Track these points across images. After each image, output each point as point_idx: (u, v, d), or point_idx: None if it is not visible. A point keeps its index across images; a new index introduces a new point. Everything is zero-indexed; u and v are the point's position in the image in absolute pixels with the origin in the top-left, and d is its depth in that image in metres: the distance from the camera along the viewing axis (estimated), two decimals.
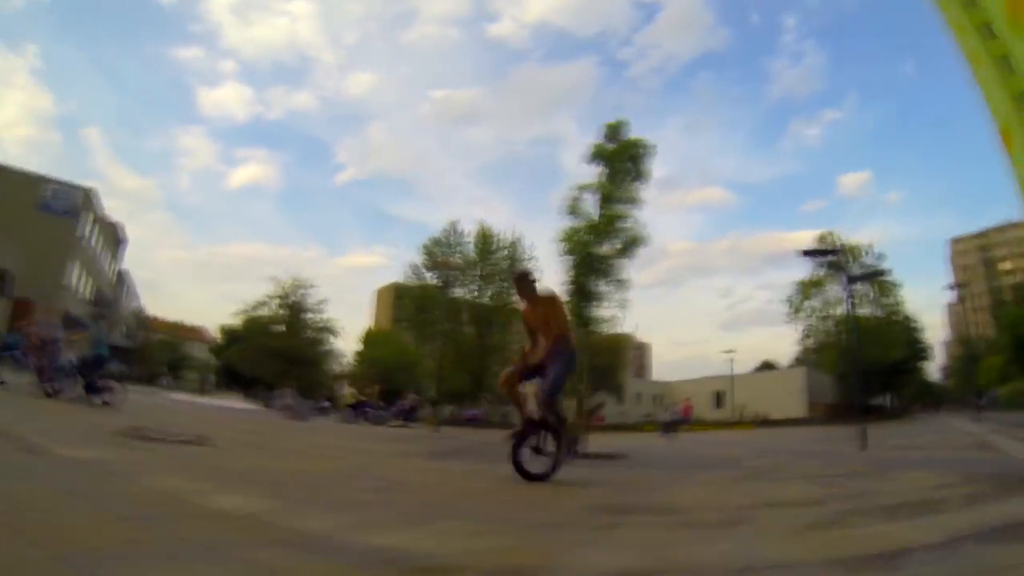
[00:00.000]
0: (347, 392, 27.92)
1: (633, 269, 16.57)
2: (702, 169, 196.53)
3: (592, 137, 17.51)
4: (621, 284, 16.25)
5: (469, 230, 50.42)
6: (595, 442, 14.98)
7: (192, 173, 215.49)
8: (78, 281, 45.40)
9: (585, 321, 16.15)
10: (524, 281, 6.89)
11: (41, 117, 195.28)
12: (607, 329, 17.44)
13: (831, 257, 46.98)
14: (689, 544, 3.29)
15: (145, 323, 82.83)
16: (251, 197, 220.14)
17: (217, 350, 75.79)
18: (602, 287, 16.14)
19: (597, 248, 16.11)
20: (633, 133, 16.85)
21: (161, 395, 34.65)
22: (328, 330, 53.79)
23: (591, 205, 16.68)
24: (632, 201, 16.40)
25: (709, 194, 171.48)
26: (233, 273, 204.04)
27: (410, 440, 16.60)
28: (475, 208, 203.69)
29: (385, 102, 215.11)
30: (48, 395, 12.07)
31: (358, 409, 27.00)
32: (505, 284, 48.34)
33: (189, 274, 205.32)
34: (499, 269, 48.68)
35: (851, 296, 32.56)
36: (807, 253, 39.24)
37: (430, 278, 49.19)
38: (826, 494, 5.83)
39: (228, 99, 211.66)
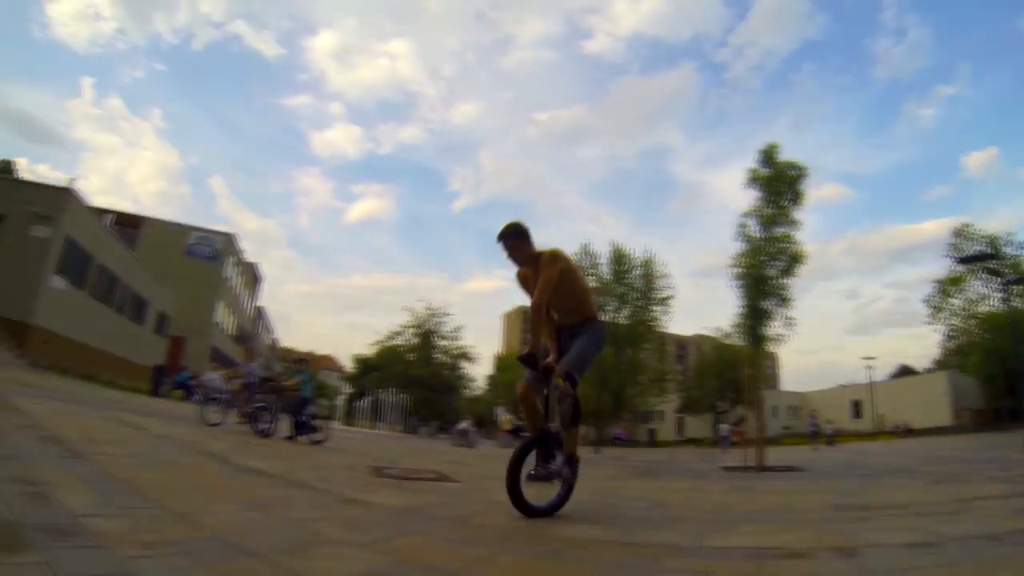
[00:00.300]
0: (505, 418, 28.98)
1: (796, 288, 16.78)
2: (814, 166, 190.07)
3: (702, 145, 17.93)
4: (785, 302, 16.54)
5: (599, 250, 50.99)
6: (751, 457, 15.22)
7: (311, 211, 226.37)
8: (224, 319, 49.52)
9: (759, 339, 16.74)
10: (511, 238, 4.71)
11: (170, 172, 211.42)
12: (774, 347, 17.70)
13: (992, 263, 43.96)
14: (943, 525, 4.11)
15: (280, 355, 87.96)
16: (369, 229, 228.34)
17: (352, 378, 79.43)
18: (771, 306, 16.48)
19: (765, 270, 16.46)
20: (738, 135, 17.25)
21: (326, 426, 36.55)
22: (464, 356, 55.58)
23: (754, 230, 16.92)
24: (791, 223, 16.62)
25: (824, 192, 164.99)
26: (356, 303, 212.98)
27: (597, 462, 17.10)
28: (590, 226, 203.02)
29: (491, 128, 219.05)
30: (263, 435, 12.55)
31: (515, 434, 27.22)
32: (640, 303, 49.51)
33: (314, 306, 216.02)
34: (635, 288, 49.48)
35: (1007, 295, 31.06)
36: (963, 261, 37.82)
37: None
38: (1016, 489, 6.51)
39: (339, 139, 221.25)
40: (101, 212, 31.94)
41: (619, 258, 50.18)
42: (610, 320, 48.65)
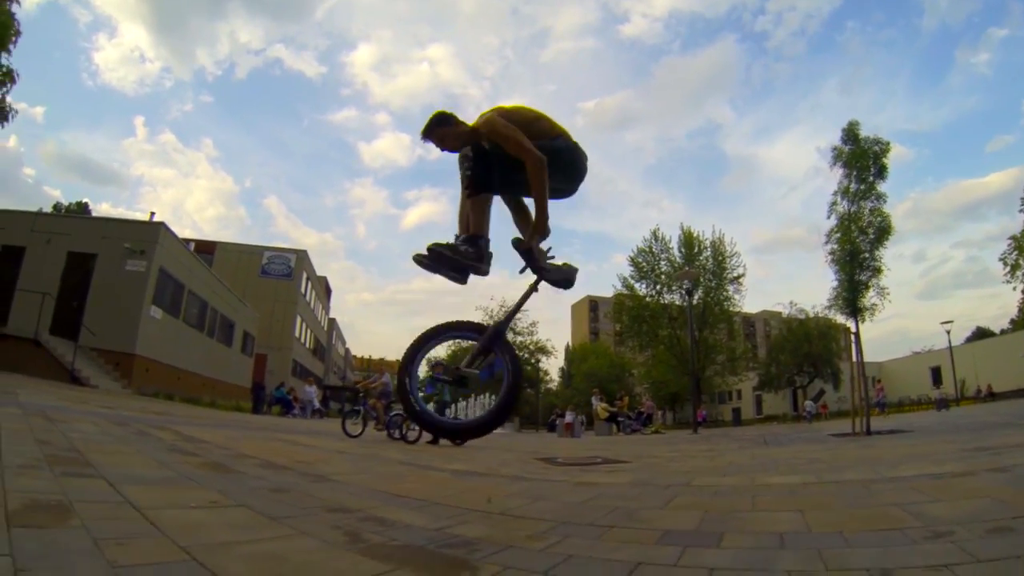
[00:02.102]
0: (600, 406, 29.35)
1: (886, 258, 17.02)
2: (867, 128, 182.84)
3: (751, 118, 18.16)
4: (878, 273, 17.03)
5: (669, 235, 51.10)
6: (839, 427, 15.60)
7: (367, 221, 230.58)
8: (302, 333, 50.78)
9: (856, 311, 17.07)
10: (435, 128, 3.96)
11: (226, 196, 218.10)
12: (869, 317, 17.94)
13: None
14: None
15: (351, 363, 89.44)
16: (426, 233, 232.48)
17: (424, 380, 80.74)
18: (865, 278, 17.03)
19: (858, 244, 17.03)
20: (786, 104, 17.47)
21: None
22: (542, 351, 55.98)
23: (843, 206, 17.45)
24: (878, 197, 17.06)
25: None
26: (419, 308, 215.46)
27: (708, 439, 17.19)
28: (648, 210, 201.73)
29: None
30: (404, 440, 12.64)
31: (612, 420, 27.97)
32: (713, 283, 49.32)
33: (377, 314, 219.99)
34: (706, 269, 49.38)
35: None
36: None
37: (641, 288, 50.57)
38: None
39: (388, 148, 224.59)
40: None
41: (689, 241, 50.12)
42: (684, 303, 48.51)
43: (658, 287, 50.03)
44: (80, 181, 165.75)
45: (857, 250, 16.93)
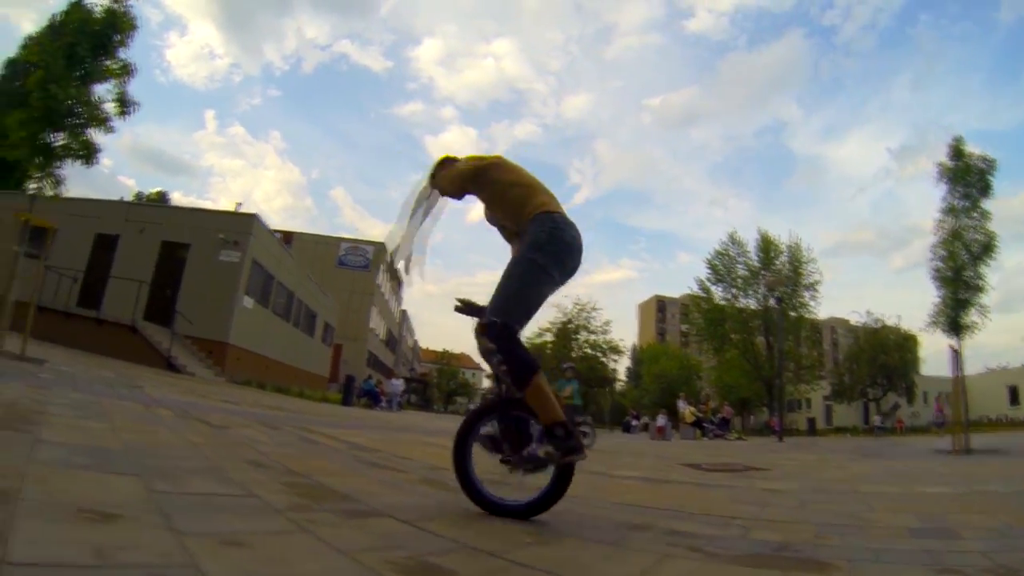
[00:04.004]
0: (687, 410, 29.32)
1: (991, 273, 17.09)
2: (941, 127, 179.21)
3: (819, 116, 18.03)
4: (980, 291, 16.93)
5: (747, 238, 50.58)
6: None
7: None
8: (376, 324, 51.58)
9: (958, 328, 16.91)
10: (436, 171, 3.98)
11: (293, 187, 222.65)
12: (969, 334, 17.70)
13: None
14: None
15: (419, 355, 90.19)
16: (491, 227, 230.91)
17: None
18: (968, 296, 16.92)
19: (962, 261, 16.92)
20: (855, 102, 17.25)
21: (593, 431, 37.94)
22: (615, 350, 55.71)
23: (948, 223, 17.44)
24: (982, 214, 17.02)
25: None
26: (483, 300, 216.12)
27: (797, 448, 17.30)
28: (714, 209, 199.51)
29: (604, 118, 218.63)
30: None
31: (698, 425, 27.95)
32: (789, 288, 48.49)
33: (442, 306, 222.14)
34: (784, 274, 48.59)
35: None
36: None
37: (717, 291, 50.19)
38: None
39: (454, 141, 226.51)
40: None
41: (766, 245, 49.66)
42: (762, 308, 47.89)
43: (734, 291, 49.51)
44: (153, 171, 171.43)
45: (961, 267, 16.83)
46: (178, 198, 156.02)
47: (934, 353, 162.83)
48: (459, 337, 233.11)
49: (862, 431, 47.97)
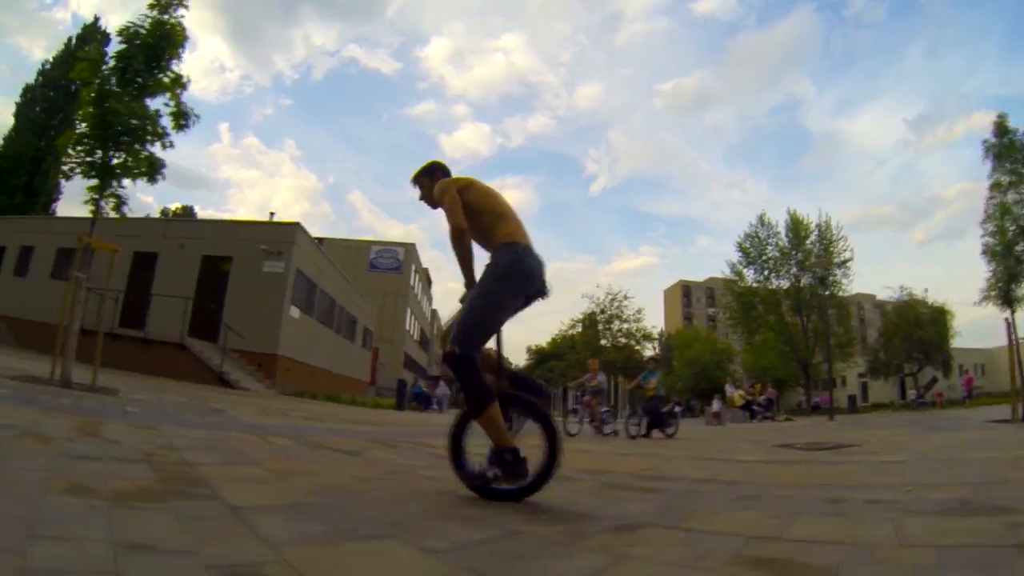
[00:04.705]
0: (736, 393, 29.14)
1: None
2: (958, 95, 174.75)
3: (833, 91, 18.44)
4: None
5: (776, 219, 50.02)
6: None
7: None
8: (411, 326, 51.47)
9: (1011, 300, 17.21)
10: (418, 178, 4.33)
11: (310, 194, 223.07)
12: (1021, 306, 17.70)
13: None
14: None
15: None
16: None
17: (528, 369, 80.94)
18: (1017, 270, 17.23)
19: (1010, 236, 17.21)
20: (869, 74, 17.55)
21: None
22: (648, 337, 55.42)
23: (998, 199, 17.75)
24: None
25: (973, 122, 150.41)
26: None
27: (856, 425, 17.36)
28: (731, 191, 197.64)
29: (617, 106, 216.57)
30: (605, 434, 13.68)
31: (747, 408, 28.18)
32: (822, 271, 48.01)
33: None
34: (813, 253, 48.04)
35: None
36: None
37: (749, 273, 49.72)
38: None
39: (469, 139, 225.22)
40: None
41: (796, 225, 49.00)
42: (794, 287, 47.48)
43: (766, 272, 49.03)
44: (171, 186, 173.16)
45: (1011, 243, 17.18)
46: (198, 212, 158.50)
47: (964, 324, 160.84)
48: None
49: (900, 406, 47.78)
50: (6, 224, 28.06)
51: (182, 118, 10.56)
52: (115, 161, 10.19)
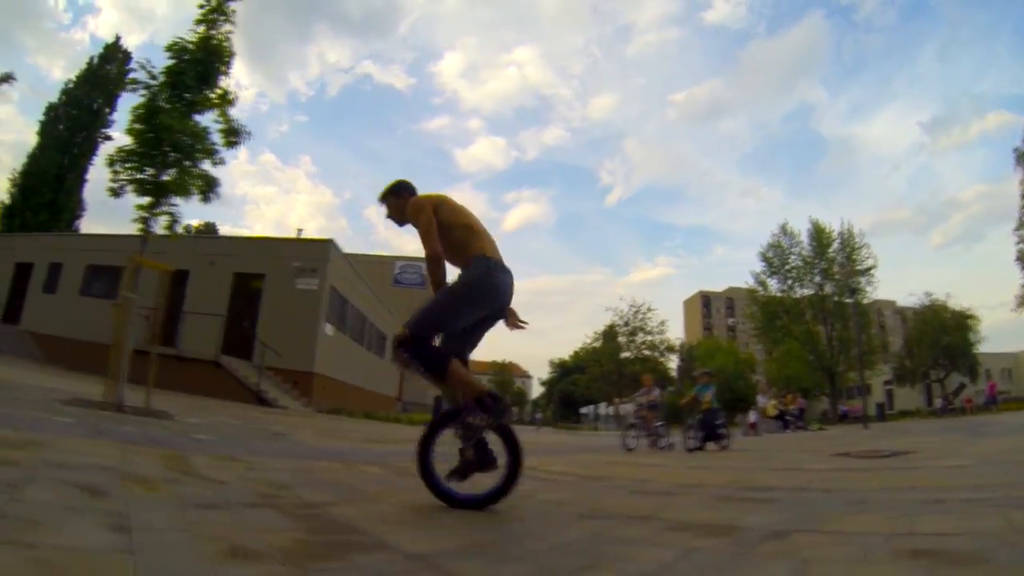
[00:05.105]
0: (769, 404, 28.96)
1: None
2: (971, 96, 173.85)
3: (846, 97, 18.55)
4: None
5: (799, 228, 49.96)
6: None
7: None
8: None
9: None
10: (385, 197, 4.41)
11: (326, 209, 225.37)
12: None
13: None
14: None
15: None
16: (528, 235, 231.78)
17: (551, 383, 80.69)
18: None
19: None
20: (881, 78, 17.58)
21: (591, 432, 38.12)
22: (671, 349, 55.14)
23: None
24: None
25: (988, 122, 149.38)
26: (524, 308, 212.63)
27: (901, 433, 16.94)
28: (747, 200, 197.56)
29: (630, 117, 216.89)
30: (660, 448, 13.75)
31: (780, 419, 28.05)
32: (839, 278, 47.69)
33: None
34: (836, 261, 47.79)
35: None
36: None
37: (772, 283, 49.37)
38: None
39: (484, 152, 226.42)
40: None
41: (818, 234, 49.07)
42: (817, 296, 47.19)
43: (789, 281, 48.80)
44: (187, 205, 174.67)
45: None
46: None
47: (987, 327, 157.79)
48: (499, 348, 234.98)
49: (927, 413, 47.23)
50: (34, 241, 28.21)
51: (233, 135, 10.35)
52: (165, 178, 9.94)
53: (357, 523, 3.05)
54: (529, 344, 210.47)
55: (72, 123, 40.05)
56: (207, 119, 10.41)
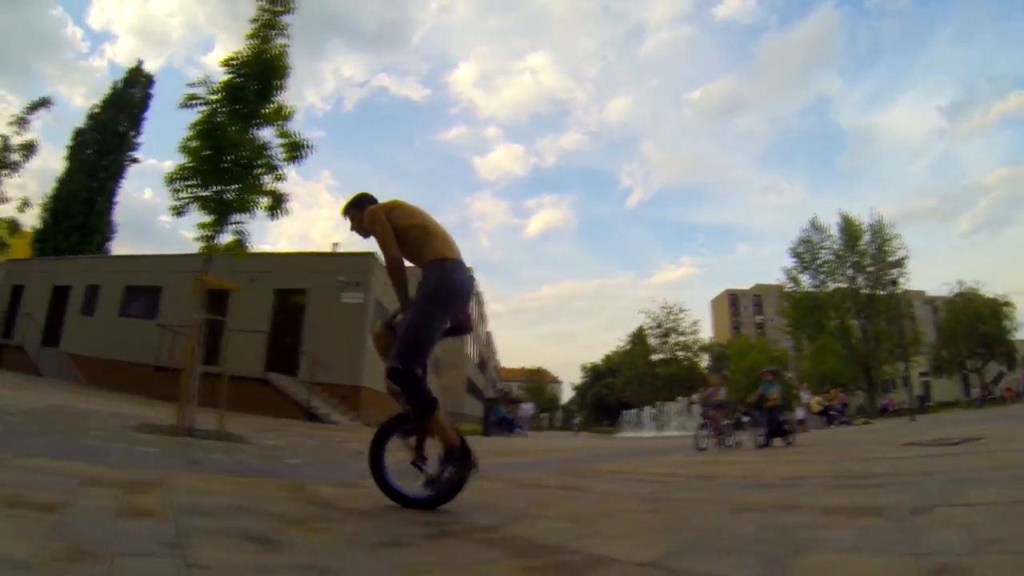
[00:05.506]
0: (813, 400, 28.80)
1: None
2: (989, 78, 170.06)
3: (862, 86, 17.94)
4: None
5: (828, 222, 49.59)
6: None
7: (490, 233, 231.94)
8: (471, 350, 51.10)
9: None
10: (348, 211, 4.62)
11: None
12: None
13: None
14: None
15: (499, 373, 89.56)
16: (550, 240, 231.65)
17: (583, 387, 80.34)
18: None
19: None
20: (897, 65, 17.03)
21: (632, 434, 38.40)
22: (705, 349, 54.76)
23: None
24: None
25: (1008, 104, 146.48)
26: (549, 314, 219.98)
27: (933, 426, 17.32)
28: (767, 196, 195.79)
29: (647, 118, 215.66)
30: (728, 447, 14.02)
31: (824, 415, 28.11)
32: (873, 268, 47.14)
33: (509, 323, 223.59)
34: (867, 254, 47.23)
35: None
36: None
37: (804, 279, 48.83)
38: None
39: (503, 160, 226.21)
40: None
41: (849, 227, 48.71)
42: (850, 290, 46.67)
43: (821, 276, 48.24)
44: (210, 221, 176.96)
45: None
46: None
47: (1021, 313, 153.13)
48: (528, 352, 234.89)
49: (966, 404, 46.48)
50: (71, 264, 28.35)
51: (296, 149, 10.15)
52: (228, 196, 9.77)
53: (553, 540, 3.01)
54: (556, 350, 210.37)
55: (99, 147, 40.34)
56: (265, 134, 10.26)
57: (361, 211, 4.35)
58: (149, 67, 72.58)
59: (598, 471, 7.78)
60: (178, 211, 9.95)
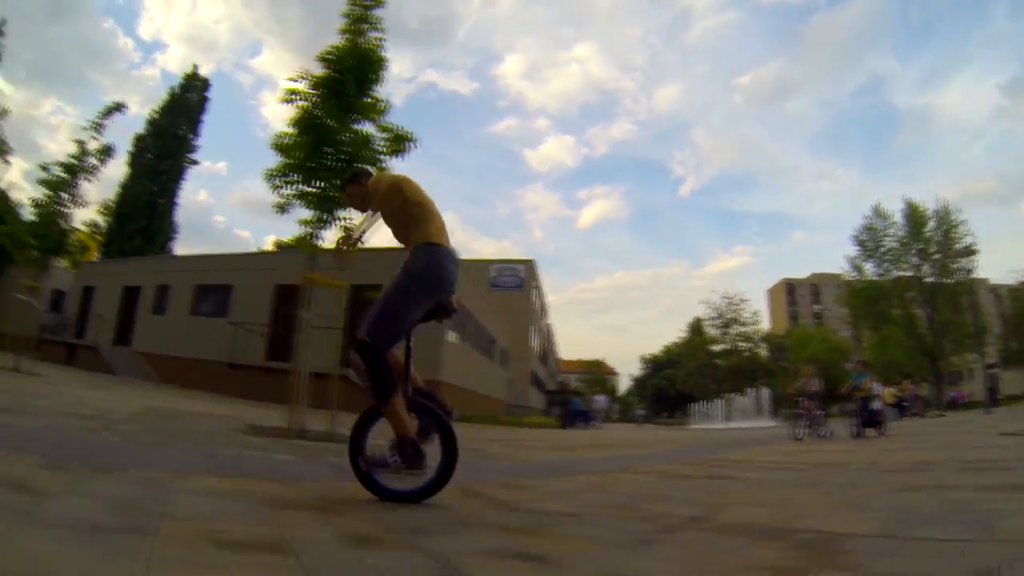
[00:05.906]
0: (886, 391, 28.33)
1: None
2: None
3: (918, 64, 17.06)
4: None
5: (892, 209, 48.48)
6: None
7: (542, 225, 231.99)
8: (535, 343, 50.89)
9: None
10: (343, 187, 4.99)
11: None
12: None
13: None
14: None
15: (559, 365, 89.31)
16: (603, 231, 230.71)
17: (642, 379, 79.87)
18: None
19: None
20: (954, 42, 16.15)
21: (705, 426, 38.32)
22: (766, 340, 54.07)
23: None
24: None
25: None
26: (603, 305, 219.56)
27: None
28: (821, 182, 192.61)
29: (696, 105, 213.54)
30: (821, 436, 14.38)
31: (897, 406, 27.41)
32: (937, 257, 45.98)
33: (563, 315, 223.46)
34: (934, 241, 46.02)
35: None
36: None
37: (868, 267, 47.95)
38: None
39: (553, 151, 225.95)
40: None
41: (914, 213, 47.52)
42: (915, 278, 45.49)
43: (885, 264, 47.13)
44: (265, 221, 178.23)
45: None
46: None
47: None
48: (585, 343, 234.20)
49: None
50: (140, 265, 29.05)
51: (399, 142, 10.01)
52: (331, 192, 9.70)
53: (775, 524, 3.10)
54: (611, 340, 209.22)
55: (159, 151, 41.49)
56: (366, 129, 10.15)
57: (359, 185, 4.32)
58: (203, 72, 74.23)
59: (724, 461, 7.80)
60: (282, 208, 9.88)
